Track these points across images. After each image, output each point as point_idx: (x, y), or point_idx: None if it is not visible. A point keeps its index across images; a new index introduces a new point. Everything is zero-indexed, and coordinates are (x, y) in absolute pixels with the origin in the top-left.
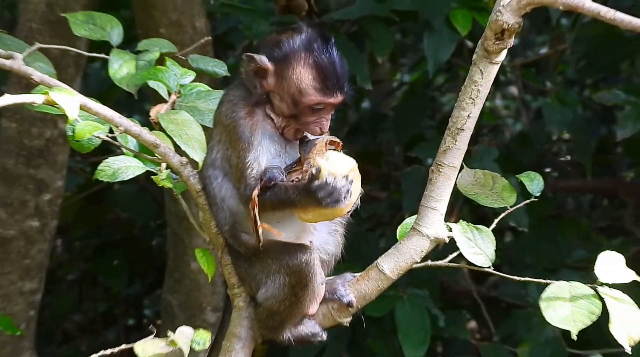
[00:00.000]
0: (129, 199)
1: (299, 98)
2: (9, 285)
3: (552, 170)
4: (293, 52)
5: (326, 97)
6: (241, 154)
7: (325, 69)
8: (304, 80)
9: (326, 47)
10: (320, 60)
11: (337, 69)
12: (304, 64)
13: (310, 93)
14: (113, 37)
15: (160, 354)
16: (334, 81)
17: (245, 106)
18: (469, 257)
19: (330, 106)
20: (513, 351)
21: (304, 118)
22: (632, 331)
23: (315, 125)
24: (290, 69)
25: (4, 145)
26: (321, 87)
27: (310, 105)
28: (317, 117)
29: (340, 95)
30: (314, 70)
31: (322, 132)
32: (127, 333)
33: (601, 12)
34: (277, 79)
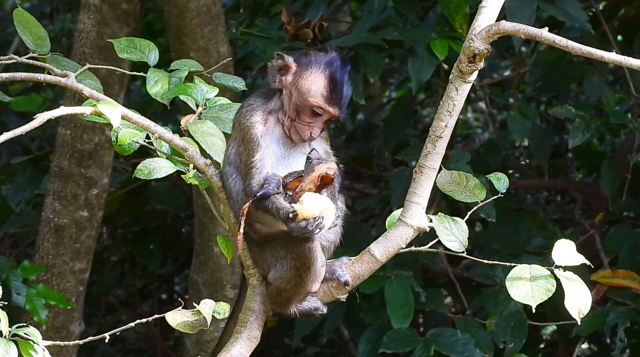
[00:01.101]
0: (163, 194)
1: (305, 97)
2: (62, 265)
3: (514, 172)
4: (316, 61)
5: (328, 105)
6: (250, 153)
7: (336, 83)
8: (315, 84)
9: (342, 68)
10: (334, 75)
11: (343, 89)
12: (321, 72)
13: (317, 96)
14: (150, 58)
15: (187, 322)
16: (338, 96)
17: (263, 113)
18: (446, 244)
19: (327, 115)
20: (482, 322)
21: (303, 117)
22: (581, 305)
23: (309, 128)
24: (309, 72)
25: (60, 148)
26: (327, 95)
27: (312, 107)
28: (313, 122)
29: (339, 111)
30: (327, 80)
31: (311, 138)
32: (160, 306)
33: (556, 40)
34: (295, 78)
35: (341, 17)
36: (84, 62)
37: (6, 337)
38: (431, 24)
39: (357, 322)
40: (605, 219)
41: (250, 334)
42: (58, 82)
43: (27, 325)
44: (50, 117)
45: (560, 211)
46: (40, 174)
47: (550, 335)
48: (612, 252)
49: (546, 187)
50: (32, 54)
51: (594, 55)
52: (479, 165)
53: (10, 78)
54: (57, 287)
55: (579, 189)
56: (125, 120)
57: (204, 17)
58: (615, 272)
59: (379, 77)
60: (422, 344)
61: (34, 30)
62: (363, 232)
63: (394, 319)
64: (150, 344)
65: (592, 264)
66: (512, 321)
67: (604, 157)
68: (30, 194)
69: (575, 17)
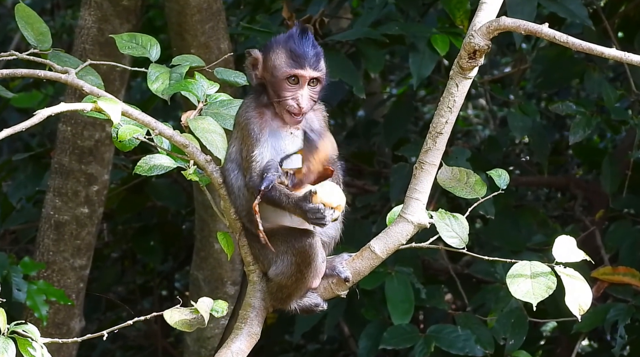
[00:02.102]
0: (164, 190)
1: (275, 74)
2: (63, 262)
3: (515, 168)
4: (276, 41)
5: (296, 69)
6: (249, 148)
7: (297, 48)
8: (279, 58)
9: (301, 35)
10: (293, 44)
11: (307, 49)
12: (281, 47)
13: (283, 66)
14: (152, 54)
15: (185, 320)
16: (304, 58)
17: (257, 107)
18: (447, 240)
19: (303, 80)
20: (483, 319)
21: (283, 92)
22: (582, 302)
23: (293, 100)
24: (271, 53)
25: (60, 144)
26: (292, 61)
27: (284, 78)
28: (294, 93)
29: (312, 70)
30: (288, 50)
31: (299, 107)
32: (161, 302)
33: (556, 36)
34: (264, 66)
35: (342, 14)
36: (84, 59)
37: (4, 334)
38: (432, 20)
39: (357, 318)
40: (606, 216)
41: (251, 331)
42: (58, 79)
43: (25, 322)
44: (51, 113)
45: (561, 207)
46: (40, 171)
47: (550, 332)
48: (613, 248)
49: (547, 184)
50: (34, 50)
51: (594, 51)
52: (479, 161)
53: (10, 74)
54: (57, 284)
55: (579, 186)
56: (125, 117)
57: (205, 13)
58: (615, 269)
59: (379, 74)
60: (423, 340)
61: (35, 26)
62: (363, 229)
63: (395, 316)
64: (151, 340)
65: (593, 260)
66: (512, 317)
67: (604, 154)
68: (30, 190)
69: (576, 13)
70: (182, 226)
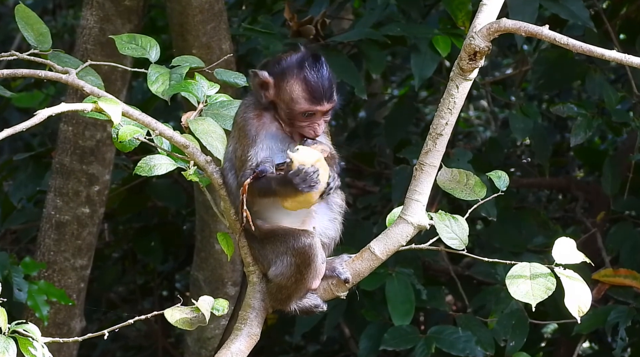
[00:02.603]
0: (164, 191)
1: (291, 106)
2: (64, 262)
3: (516, 170)
4: (288, 68)
5: (313, 105)
6: (245, 148)
7: (313, 82)
8: (295, 91)
9: (315, 64)
10: (309, 75)
11: (324, 82)
12: (295, 77)
13: (300, 102)
14: (152, 54)
15: (185, 318)
16: (320, 92)
17: (255, 109)
18: (447, 242)
19: (320, 113)
20: (484, 320)
21: (298, 123)
22: (581, 304)
23: (309, 129)
24: (285, 81)
25: (61, 144)
26: (309, 97)
27: (300, 112)
28: (310, 122)
29: (328, 104)
30: (304, 83)
31: (315, 135)
32: (161, 303)
33: (556, 38)
34: (276, 91)
35: (344, 15)
36: (86, 59)
37: (5, 334)
38: (434, 21)
39: (358, 319)
40: (607, 218)
41: (251, 331)
42: (59, 79)
43: (26, 322)
44: (52, 113)
45: (562, 209)
46: (41, 171)
47: (551, 333)
48: (614, 250)
49: (548, 186)
50: (34, 50)
51: (595, 53)
52: (481, 163)
53: (11, 74)
54: (58, 284)
55: (580, 188)
56: (126, 117)
57: (207, 14)
58: (616, 271)
59: (381, 75)
60: (423, 341)
61: (35, 26)
62: (364, 230)
63: (395, 317)
64: (151, 340)
65: (594, 262)
66: (513, 319)
67: (605, 156)
68: (31, 190)
69: (577, 15)
70: (183, 227)
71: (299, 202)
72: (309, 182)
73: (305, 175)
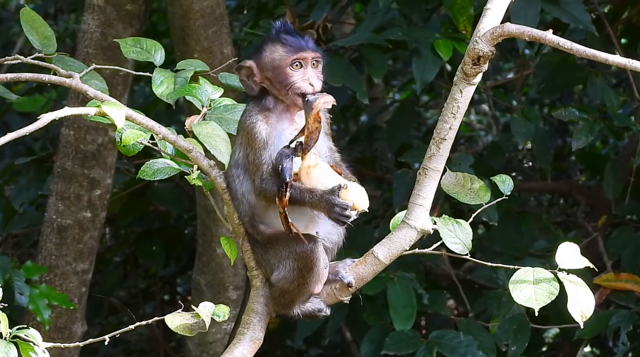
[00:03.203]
0: (166, 195)
1: (277, 66)
2: (65, 266)
3: (517, 174)
4: (263, 42)
5: (295, 51)
6: (257, 152)
7: (288, 37)
8: (275, 52)
9: (285, 28)
10: (282, 36)
11: (297, 37)
12: (271, 43)
13: (283, 56)
14: (156, 58)
15: (186, 324)
16: (297, 42)
17: (260, 111)
18: (450, 246)
19: (306, 61)
20: (485, 325)
21: (290, 79)
22: (584, 309)
23: (304, 82)
24: (264, 53)
25: (63, 149)
26: (289, 48)
27: (288, 65)
28: (302, 74)
29: (311, 51)
30: (280, 42)
31: (313, 88)
32: (163, 307)
33: (560, 42)
34: (259, 69)
35: (345, 19)
36: (88, 63)
37: (6, 338)
38: (435, 25)
39: (359, 323)
40: (608, 222)
41: (253, 336)
42: (62, 83)
43: (27, 326)
44: (54, 117)
45: (563, 213)
46: (43, 175)
47: (552, 338)
48: (615, 255)
49: (549, 190)
50: (38, 54)
51: (598, 57)
52: (482, 167)
53: (14, 78)
54: (59, 288)
55: (582, 192)
56: (129, 121)
57: (208, 18)
58: (618, 275)
59: (382, 79)
60: (425, 346)
61: (40, 30)
62: (366, 234)
63: (397, 321)
64: (153, 345)
65: (595, 267)
66: (514, 323)
67: (607, 160)
68: (33, 194)
69: (579, 19)
70: (185, 231)
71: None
72: (342, 220)
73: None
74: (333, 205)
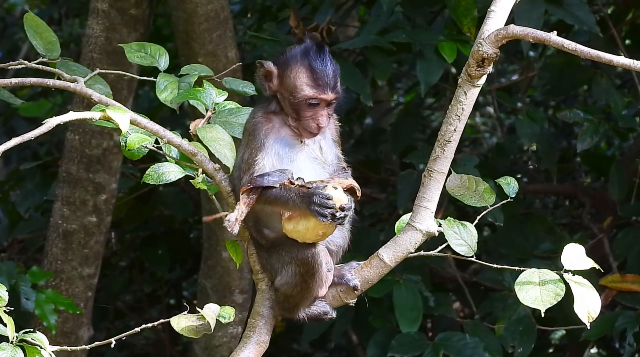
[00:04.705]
0: (171, 199)
1: (295, 94)
2: (71, 270)
3: (522, 176)
4: (292, 57)
5: (317, 93)
6: (252, 151)
7: (318, 70)
8: (299, 79)
9: (320, 53)
10: (313, 62)
11: (328, 71)
12: (300, 65)
13: (305, 89)
14: (161, 63)
15: (191, 326)
16: (325, 80)
17: (265, 114)
18: (456, 248)
19: (324, 102)
20: (491, 327)
21: (303, 113)
22: (591, 310)
23: (313, 120)
24: (289, 70)
25: (68, 153)
26: (313, 84)
27: (305, 100)
28: (314, 113)
29: (332, 93)
30: (308, 70)
31: (319, 128)
32: (169, 311)
33: (564, 44)
34: (279, 81)
35: (349, 22)
36: (92, 68)
37: (13, 342)
38: (439, 28)
39: (365, 326)
40: (614, 223)
41: (259, 339)
42: (67, 88)
43: (34, 330)
44: (60, 122)
45: (569, 215)
46: (48, 180)
47: (559, 339)
48: (621, 256)
49: (554, 192)
50: (42, 59)
51: (603, 59)
52: (487, 169)
53: (19, 83)
54: (65, 293)
55: (587, 193)
56: (134, 125)
57: (212, 22)
58: (623, 276)
59: (387, 82)
60: (431, 348)
61: (44, 35)
62: (371, 237)
63: (403, 323)
64: (159, 349)
65: (601, 268)
66: (520, 325)
67: (612, 161)
68: (39, 199)
69: (583, 20)
70: (190, 235)
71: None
72: (323, 212)
73: (326, 206)
74: (312, 195)
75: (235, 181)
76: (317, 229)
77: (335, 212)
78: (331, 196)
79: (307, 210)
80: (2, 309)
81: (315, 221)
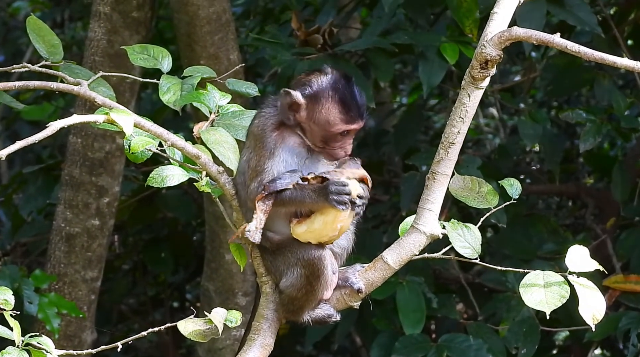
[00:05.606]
0: (175, 202)
1: (328, 128)
2: (74, 274)
3: (525, 177)
4: (322, 91)
5: (350, 124)
6: (260, 158)
7: (349, 103)
8: (332, 114)
9: (349, 85)
10: (345, 97)
11: (358, 102)
12: (331, 100)
13: (338, 123)
14: (164, 65)
15: (199, 330)
16: (356, 112)
17: (275, 122)
18: (459, 250)
19: (353, 131)
20: (495, 328)
21: (333, 143)
22: (595, 311)
23: (341, 149)
24: (320, 104)
25: (71, 156)
26: (346, 118)
27: (338, 133)
28: (343, 142)
29: (362, 121)
30: (340, 105)
31: (346, 154)
32: (172, 314)
33: (568, 46)
34: (308, 113)
35: (351, 24)
36: (95, 71)
37: (19, 346)
38: (441, 29)
39: (369, 328)
40: (617, 224)
41: (264, 342)
42: (71, 91)
43: (39, 334)
44: (63, 125)
45: (572, 216)
46: (51, 183)
47: (562, 340)
48: (624, 257)
49: (557, 192)
50: (45, 62)
51: (606, 60)
52: (490, 170)
53: (23, 87)
54: (68, 296)
55: (590, 194)
56: (137, 128)
57: (214, 24)
58: (627, 277)
59: (389, 83)
60: (435, 349)
61: (47, 38)
62: (374, 239)
63: (406, 325)
64: (163, 352)
65: (604, 269)
66: (524, 326)
67: (615, 162)
68: (41, 203)
69: (585, 21)
70: (193, 237)
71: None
72: (342, 199)
73: (343, 192)
74: (329, 186)
75: (239, 186)
76: (335, 222)
77: (353, 200)
78: (347, 183)
79: (325, 202)
80: (8, 313)
81: (334, 213)
